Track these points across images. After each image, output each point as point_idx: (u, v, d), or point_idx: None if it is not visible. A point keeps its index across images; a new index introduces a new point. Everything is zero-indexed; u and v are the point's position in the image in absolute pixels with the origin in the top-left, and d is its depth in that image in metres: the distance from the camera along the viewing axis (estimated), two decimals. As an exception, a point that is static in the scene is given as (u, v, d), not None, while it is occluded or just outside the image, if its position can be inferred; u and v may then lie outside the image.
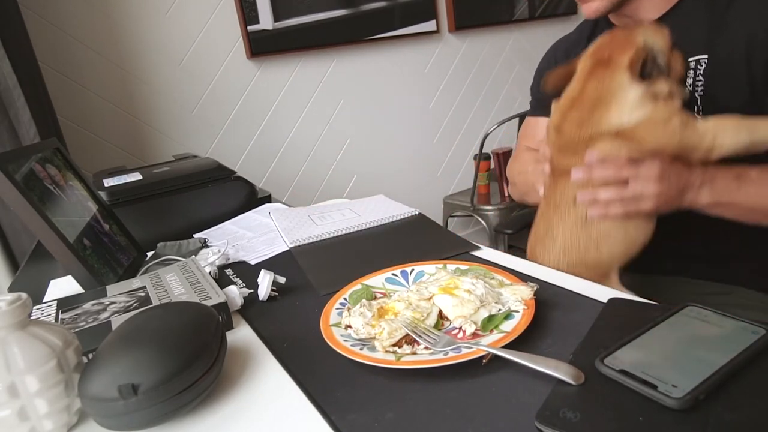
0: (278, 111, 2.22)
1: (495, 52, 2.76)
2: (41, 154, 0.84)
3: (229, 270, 0.83)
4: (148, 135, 1.97)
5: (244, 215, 1.11)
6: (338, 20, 2.23)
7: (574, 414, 0.39)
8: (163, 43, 1.93)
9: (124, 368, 0.45)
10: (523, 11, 2.75)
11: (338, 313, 0.59)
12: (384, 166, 2.55)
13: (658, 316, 0.49)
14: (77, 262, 0.74)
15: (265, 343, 0.59)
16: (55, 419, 0.46)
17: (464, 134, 2.77)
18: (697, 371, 0.41)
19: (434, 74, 2.60)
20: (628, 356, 0.44)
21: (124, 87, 1.90)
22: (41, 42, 1.70)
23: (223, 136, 2.11)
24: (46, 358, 0.44)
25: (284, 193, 2.29)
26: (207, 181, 1.12)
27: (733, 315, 0.48)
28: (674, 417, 0.38)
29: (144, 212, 1.04)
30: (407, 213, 0.97)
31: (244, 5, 2.02)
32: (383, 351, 0.51)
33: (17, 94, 1.34)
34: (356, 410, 0.45)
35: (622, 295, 0.58)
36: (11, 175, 0.71)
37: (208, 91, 2.05)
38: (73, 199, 0.85)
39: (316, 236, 0.90)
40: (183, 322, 0.50)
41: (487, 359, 0.49)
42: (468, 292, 0.57)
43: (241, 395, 0.50)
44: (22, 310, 0.45)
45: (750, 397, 0.39)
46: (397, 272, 0.68)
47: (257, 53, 2.08)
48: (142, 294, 0.67)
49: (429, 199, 2.69)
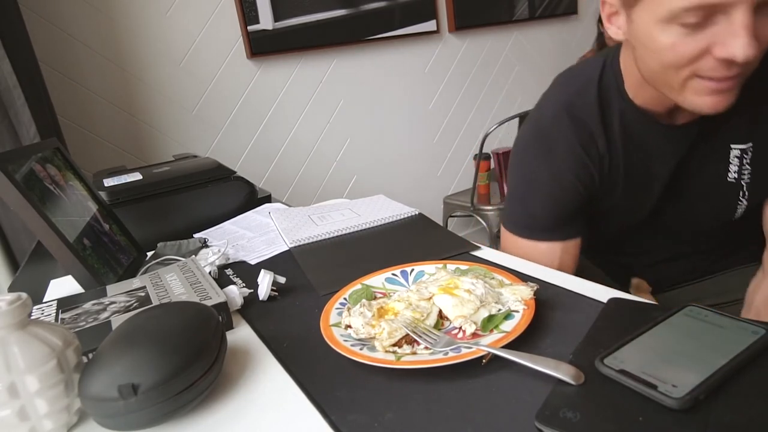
0: (278, 111, 2.22)
1: (495, 52, 2.76)
2: (41, 154, 0.84)
3: (229, 270, 0.83)
4: (148, 135, 1.97)
5: (244, 215, 1.11)
6: (338, 20, 2.23)
7: (574, 414, 0.39)
8: (163, 43, 1.93)
9: (124, 368, 0.44)
10: (523, 11, 2.75)
11: (338, 313, 0.59)
12: (384, 166, 2.55)
13: (658, 316, 0.49)
14: (77, 262, 0.74)
15: (265, 343, 0.59)
16: (55, 419, 0.45)
17: (464, 134, 2.77)
18: (697, 371, 0.41)
19: (434, 74, 2.60)
20: (628, 356, 0.44)
21: (124, 87, 1.90)
22: (41, 42, 1.70)
23: (223, 136, 2.11)
24: (46, 358, 0.44)
25: (284, 193, 2.29)
26: (207, 181, 1.12)
27: (733, 315, 0.48)
28: (674, 417, 0.38)
29: (144, 212, 1.04)
30: (407, 213, 0.97)
31: (244, 5, 2.02)
32: (383, 351, 0.51)
33: (17, 94, 1.34)
34: (356, 410, 0.45)
35: (622, 295, 0.58)
36: (11, 175, 0.71)
37: (208, 91, 2.05)
38: (73, 199, 0.85)
39: (316, 236, 0.90)
40: (183, 322, 0.50)
41: (487, 359, 0.49)
42: (468, 292, 0.57)
43: (241, 395, 0.50)
44: (22, 310, 0.45)
45: (750, 397, 0.39)
46: (397, 272, 0.68)
47: (257, 53, 2.08)
48: (142, 294, 0.67)
49: (429, 199, 2.69)
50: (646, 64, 0.67)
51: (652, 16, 0.60)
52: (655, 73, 0.66)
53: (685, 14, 0.56)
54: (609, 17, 0.69)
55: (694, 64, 0.60)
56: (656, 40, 0.61)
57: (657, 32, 0.60)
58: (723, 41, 0.56)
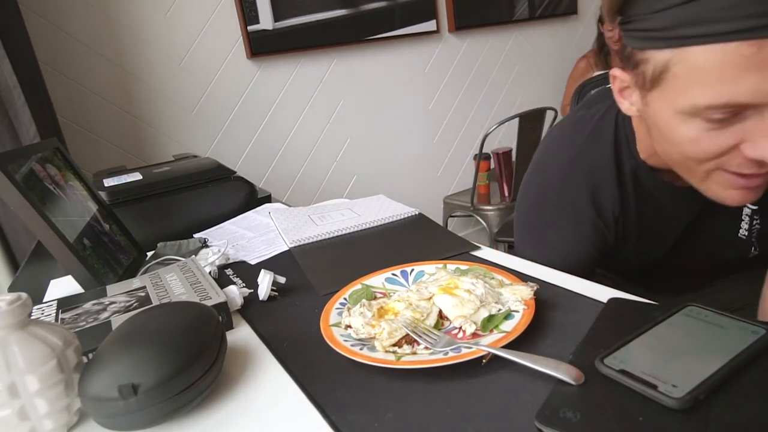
0: (278, 111, 2.22)
1: (495, 52, 2.76)
2: (41, 154, 0.84)
3: (229, 270, 0.83)
4: (148, 135, 1.97)
5: (244, 215, 1.11)
6: (338, 20, 2.23)
7: (574, 414, 0.39)
8: (163, 43, 1.93)
9: (124, 368, 0.44)
10: (523, 11, 2.75)
11: (338, 313, 0.59)
12: (384, 166, 2.55)
13: (658, 316, 0.49)
14: (77, 262, 0.74)
15: (265, 343, 0.59)
16: (55, 419, 0.45)
17: (464, 134, 2.77)
18: (697, 371, 0.41)
19: (434, 74, 2.60)
20: (628, 356, 0.44)
21: (124, 87, 1.90)
22: (41, 42, 1.70)
23: (223, 136, 2.11)
24: (46, 358, 0.44)
25: (284, 193, 2.29)
26: (207, 181, 1.12)
27: (733, 315, 0.48)
28: (674, 417, 0.38)
29: (144, 212, 1.04)
30: (407, 213, 0.97)
31: (244, 5, 2.03)
32: (383, 351, 0.51)
33: (17, 94, 1.34)
34: (356, 410, 0.45)
35: (622, 295, 0.58)
36: (11, 175, 0.71)
37: (208, 91, 2.05)
38: (73, 199, 0.85)
39: (316, 236, 0.90)
40: (183, 322, 0.50)
41: (487, 359, 0.49)
42: (468, 292, 0.57)
43: (241, 395, 0.50)
44: (22, 310, 0.45)
45: (750, 397, 0.39)
46: (397, 272, 0.68)
47: (257, 53, 2.08)
48: (142, 294, 0.67)
49: (429, 199, 2.69)
50: (664, 151, 0.60)
51: (673, 106, 0.53)
52: (674, 161, 0.59)
53: (712, 111, 0.50)
54: (620, 91, 0.61)
55: (718, 159, 0.53)
56: (676, 131, 0.54)
57: (677, 123, 0.53)
58: (754, 141, 0.50)
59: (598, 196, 0.70)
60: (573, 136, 0.73)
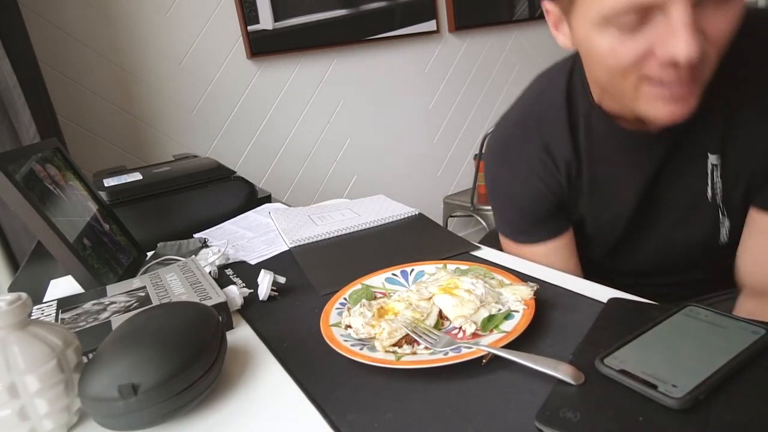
0: (278, 111, 2.22)
1: (495, 52, 2.76)
2: (41, 154, 0.84)
3: (229, 270, 0.83)
4: (148, 135, 1.97)
5: (244, 215, 1.11)
6: (338, 20, 2.23)
7: (574, 414, 0.39)
8: (163, 43, 1.93)
9: (124, 368, 0.45)
10: (523, 11, 2.75)
11: (338, 313, 0.59)
12: (384, 166, 2.55)
13: (658, 316, 0.49)
14: (77, 262, 0.74)
15: (265, 343, 0.59)
16: (55, 419, 0.46)
17: (464, 134, 2.77)
18: (697, 371, 0.41)
19: (434, 74, 2.60)
20: (628, 356, 0.44)
21: (124, 87, 1.90)
22: (41, 42, 1.70)
23: (223, 136, 2.11)
24: (46, 358, 0.44)
25: (284, 193, 2.29)
26: (207, 181, 1.12)
27: (733, 315, 0.48)
28: (674, 417, 0.38)
29: (144, 212, 1.04)
30: (407, 213, 0.97)
31: (244, 5, 2.02)
32: (383, 351, 0.51)
33: (17, 94, 1.34)
34: (356, 410, 0.45)
35: (622, 295, 0.58)
36: (11, 175, 0.71)
37: (208, 91, 2.05)
38: (73, 199, 0.85)
39: (316, 236, 0.90)
40: (183, 322, 0.50)
41: (487, 359, 0.49)
42: (468, 292, 0.57)
43: (241, 395, 0.50)
44: (22, 310, 0.45)
45: (750, 397, 0.39)
46: (397, 272, 0.68)
47: (257, 53, 2.08)
48: (142, 294, 0.67)
49: (429, 199, 2.69)
50: (594, 73, 0.63)
51: (588, 20, 0.56)
52: (605, 82, 0.62)
53: (618, 16, 0.52)
54: (555, 25, 0.65)
55: (638, 68, 0.55)
56: (595, 45, 0.57)
57: (595, 37, 0.56)
58: (663, 41, 0.52)
59: (549, 141, 0.73)
60: (531, 89, 0.79)
